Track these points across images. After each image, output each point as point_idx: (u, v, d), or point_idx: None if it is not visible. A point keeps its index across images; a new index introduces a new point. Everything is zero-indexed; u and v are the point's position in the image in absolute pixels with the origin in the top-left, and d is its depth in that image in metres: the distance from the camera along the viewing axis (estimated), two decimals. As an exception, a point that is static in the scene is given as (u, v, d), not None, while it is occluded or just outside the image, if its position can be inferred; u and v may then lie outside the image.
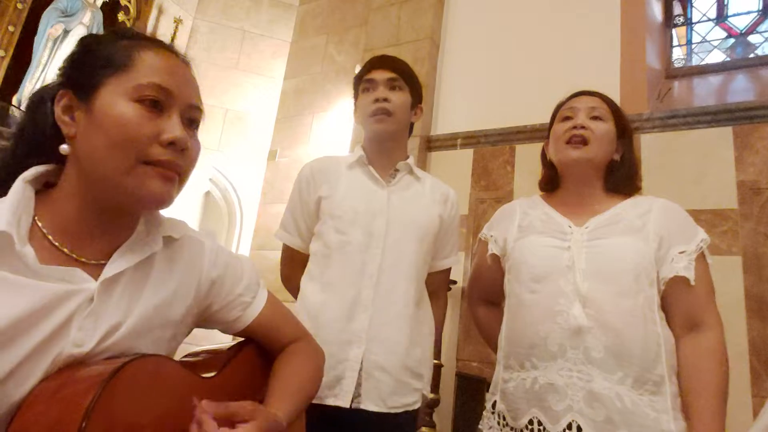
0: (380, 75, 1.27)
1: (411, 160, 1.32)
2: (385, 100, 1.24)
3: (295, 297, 1.30)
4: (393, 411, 1.13)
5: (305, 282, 1.25)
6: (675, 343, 1.01)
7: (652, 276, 1.01)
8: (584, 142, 1.10)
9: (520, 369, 1.03)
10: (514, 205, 1.25)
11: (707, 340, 0.98)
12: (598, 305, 0.97)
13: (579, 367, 0.95)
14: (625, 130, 1.16)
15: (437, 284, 1.35)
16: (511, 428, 1.02)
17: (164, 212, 0.69)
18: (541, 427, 0.96)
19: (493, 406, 1.08)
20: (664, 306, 1.02)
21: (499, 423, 1.05)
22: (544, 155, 1.25)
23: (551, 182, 1.23)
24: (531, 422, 0.98)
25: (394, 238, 1.20)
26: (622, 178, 1.14)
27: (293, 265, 1.33)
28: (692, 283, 0.99)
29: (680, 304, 1.01)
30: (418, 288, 1.24)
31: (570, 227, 1.09)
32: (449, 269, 1.38)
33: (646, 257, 1.01)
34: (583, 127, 1.10)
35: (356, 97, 1.35)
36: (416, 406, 1.18)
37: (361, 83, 1.30)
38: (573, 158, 1.11)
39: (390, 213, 1.22)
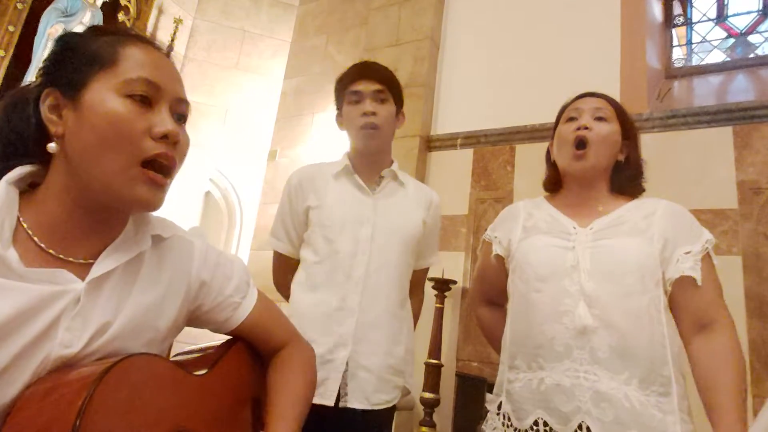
0: (367, 87, 1.30)
1: (395, 166, 1.37)
2: (373, 113, 1.28)
3: (288, 301, 1.35)
4: (376, 408, 1.19)
5: (295, 287, 1.30)
6: (684, 344, 1.00)
7: (657, 276, 1.00)
8: (586, 145, 1.10)
9: (527, 370, 1.02)
10: (518, 206, 1.25)
11: (722, 339, 0.98)
12: (603, 305, 0.97)
13: (585, 368, 0.95)
14: (630, 131, 1.16)
15: (416, 281, 1.41)
16: (516, 429, 1.01)
17: (163, 211, 0.69)
18: (548, 428, 0.96)
19: (499, 407, 1.08)
20: (672, 307, 1.02)
21: (503, 424, 1.04)
22: (548, 155, 1.25)
23: (555, 183, 1.23)
24: (536, 423, 0.97)
25: (379, 244, 1.26)
26: (626, 179, 1.14)
27: (284, 270, 1.37)
28: (699, 282, 0.99)
29: (688, 304, 1.00)
30: (402, 290, 1.30)
31: (575, 228, 1.09)
32: (427, 269, 1.46)
33: (651, 258, 1.01)
34: (586, 128, 1.10)
35: (340, 104, 1.37)
36: (395, 401, 1.26)
37: (346, 94, 1.32)
38: (576, 169, 1.11)
39: (376, 221, 1.28)
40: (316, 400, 1.12)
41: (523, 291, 1.08)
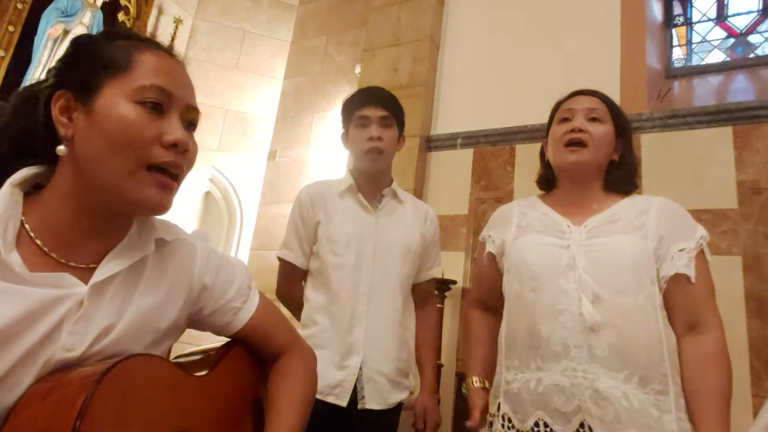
0: (373, 113, 1.40)
1: (395, 185, 1.48)
2: (379, 138, 1.38)
3: (292, 311, 1.49)
4: (390, 407, 1.33)
5: (309, 297, 1.41)
6: (677, 342, 1.00)
7: (653, 274, 1.00)
8: (582, 144, 1.10)
9: (525, 370, 1.02)
10: (512, 205, 1.25)
11: (708, 342, 0.98)
12: (600, 303, 0.97)
13: (584, 367, 0.94)
14: (624, 129, 1.16)
15: (425, 292, 1.53)
16: (518, 430, 1.01)
17: (164, 212, 0.68)
18: (548, 429, 0.95)
19: (498, 408, 1.07)
20: (666, 305, 1.01)
21: (503, 426, 1.04)
22: (542, 153, 1.25)
23: (549, 181, 1.23)
24: (537, 424, 0.97)
25: (381, 258, 1.38)
26: (620, 177, 1.14)
27: (291, 280, 1.48)
28: (693, 280, 0.99)
29: (680, 302, 1.00)
30: (404, 299, 1.42)
31: (569, 226, 1.08)
32: (434, 278, 1.56)
33: (645, 255, 1.01)
34: (581, 130, 1.10)
35: (347, 125, 1.47)
36: (406, 399, 1.39)
37: (354, 118, 1.43)
38: (570, 161, 1.10)
39: (377, 237, 1.40)
40: (331, 400, 1.27)
41: (518, 290, 1.08)
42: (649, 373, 0.93)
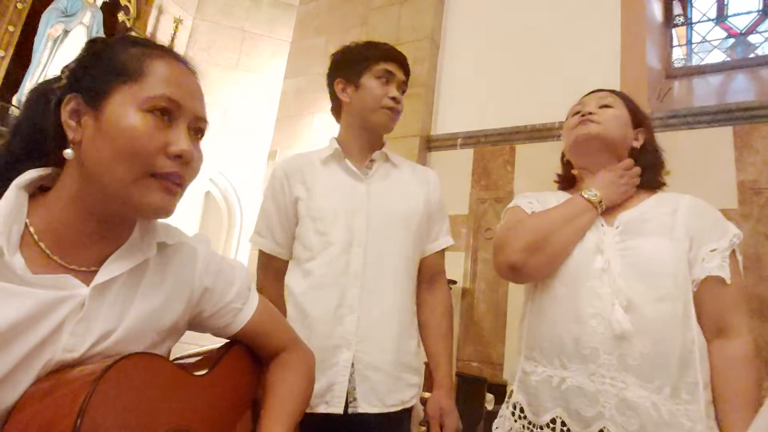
0: (399, 72, 1.26)
1: (386, 148, 1.30)
2: (399, 102, 1.26)
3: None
4: (392, 410, 1.09)
5: (291, 286, 1.20)
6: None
7: (689, 279, 0.96)
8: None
9: (547, 365, 0.99)
10: (546, 193, 1.18)
11: (737, 347, 0.94)
12: (636, 310, 0.93)
13: (613, 374, 0.91)
14: (641, 120, 1.13)
15: (436, 267, 1.29)
16: (530, 422, 0.98)
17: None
18: (565, 428, 0.93)
19: (510, 395, 1.04)
20: (695, 308, 0.97)
21: (513, 414, 1.01)
22: (563, 156, 1.22)
23: (568, 180, 1.20)
24: (553, 421, 0.95)
25: (376, 231, 1.17)
26: (647, 166, 1.11)
27: (267, 272, 1.25)
28: (728, 281, 0.94)
29: (710, 305, 0.96)
30: (409, 278, 1.20)
31: (603, 225, 1.04)
32: (443, 251, 1.31)
33: (683, 261, 0.96)
34: (590, 113, 1.08)
35: (357, 72, 1.26)
36: (413, 402, 1.15)
37: (376, 69, 1.24)
38: (583, 133, 1.07)
39: (370, 206, 1.18)
40: (323, 409, 1.05)
41: (549, 283, 1.03)
42: (680, 383, 0.90)
